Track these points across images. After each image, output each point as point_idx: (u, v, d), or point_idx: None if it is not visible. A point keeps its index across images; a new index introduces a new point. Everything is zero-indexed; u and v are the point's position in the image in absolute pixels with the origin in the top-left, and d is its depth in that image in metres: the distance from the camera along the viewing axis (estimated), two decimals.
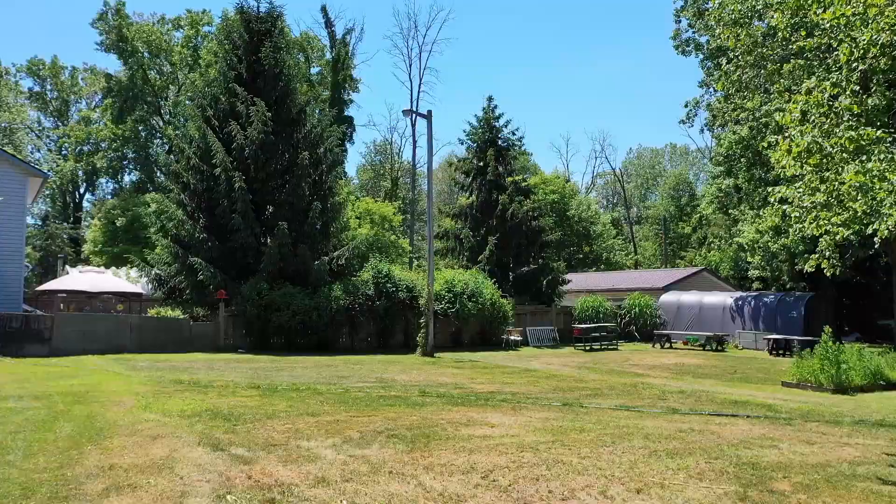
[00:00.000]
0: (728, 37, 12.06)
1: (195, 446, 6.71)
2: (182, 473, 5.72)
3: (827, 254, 9.96)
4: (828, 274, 9.86)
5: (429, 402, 10.09)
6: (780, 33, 9.29)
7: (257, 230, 21.99)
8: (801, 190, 6.72)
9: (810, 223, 7.05)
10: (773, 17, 7.84)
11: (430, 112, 21.49)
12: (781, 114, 6.05)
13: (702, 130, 28.29)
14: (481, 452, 6.65)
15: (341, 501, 5.10)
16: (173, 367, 14.46)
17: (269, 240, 22.06)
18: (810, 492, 5.58)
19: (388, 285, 22.31)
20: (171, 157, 27.71)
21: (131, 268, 35.44)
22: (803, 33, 9.12)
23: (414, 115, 52.42)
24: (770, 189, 8.88)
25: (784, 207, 8.05)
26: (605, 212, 64.30)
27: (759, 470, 6.22)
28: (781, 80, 21.42)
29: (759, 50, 13.66)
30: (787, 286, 32.95)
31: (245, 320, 20.65)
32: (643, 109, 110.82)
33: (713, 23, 14.84)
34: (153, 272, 23.23)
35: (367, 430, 7.74)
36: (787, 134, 5.90)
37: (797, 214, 7.36)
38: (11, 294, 18.45)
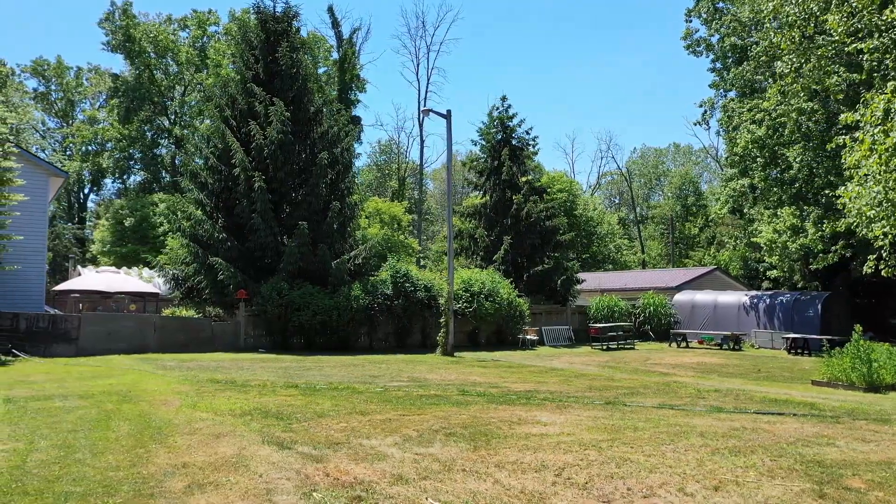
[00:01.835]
0: (782, 39, 12.07)
1: (261, 445, 6.73)
2: (259, 471, 5.74)
3: (884, 254, 9.93)
4: (885, 274, 9.85)
5: (471, 400, 10.11)
6: (835, 35, 9.28)
7: (276, 230, 22.00)
8: (875, 189, 6.72)
9: (871, 223, 7.05)
10: (829, 20, 7.86)
11: (449, 112, 21.51)
12: (855, 112, 6.05)
13: (718, 132, 28.24)
14: (546, 451, 6.67)
15: (427, 499, 5.12)
16: (203, 367, 14.47)
17: (285, 239, 22.08)
18: (885, 489, 5.61)
19: (407, 285, 22.34)
20: (188, 156, 27.66)
21: (142, 268, 35.57)
22: (861, 35, 9.14)
23: (422, 116, 52.54)
24: (841, 189, 8.85)
25: (855, 208, 8.02)
26: (610, 211, 64.28)
27: (826, 468, 6.24)
28: (801, 80, 21.50)
29: (817, 53, 13.59)
30: (799, 285, 33.02)
31: (266, 320, 20.65)
32: (647, 109, 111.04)
33: (767, 25, 14.81)
34: (170, 272, 23.25)
35: (423, 428, 7.76)
36: (867, 133, 5.90)
37: (872, 213, 7.34)
38: (34, 294, 18.47)
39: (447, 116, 21.49)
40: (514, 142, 30.99)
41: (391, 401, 9.92)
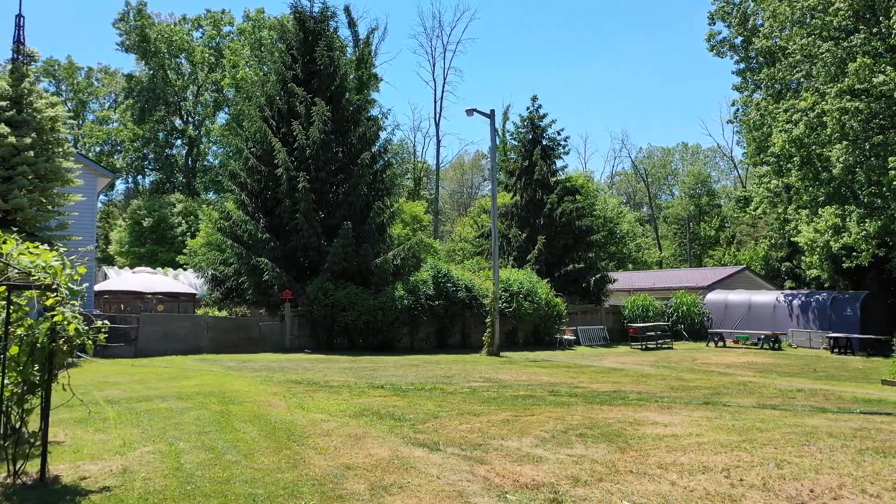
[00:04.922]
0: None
1: (408, 446, 6.69)
2: (433, 473, 5.70)
3: None
4: None
5: (567, 401, 10.06)
6: None
7: (319, 230, 21.94)
8: None
9: None
10: None
11: (492, 111, 21.47)
12: None
13: (749, 130, 28.23)
14: (695, 452, 6.63)
15: (621, 500, 5.09)
16: (267, 368, 14.41)
17: (325, 240, 22.00)
18: None
19: (448, 285, 22.30)
20: (204, 155, 27.60)
21: (166, 269, 35.49)
22: None
23: (438, 116, 52.52)
24: None
25: None
26: (628, 209, 64.24)
27: None
28: (845, 80, 21.49)
29: None
30: (826, 285, 32.98)
31: (311, 320, 20.61)
32: (654, 109, 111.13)
33: None
34: (209, 272, 23.19)
35: (548, 429, 7.72)
36: None
37: None
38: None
39: (490, 116, 21.45)
40: (544, 142, 30.98)
41: (490, 401, 9.88)
